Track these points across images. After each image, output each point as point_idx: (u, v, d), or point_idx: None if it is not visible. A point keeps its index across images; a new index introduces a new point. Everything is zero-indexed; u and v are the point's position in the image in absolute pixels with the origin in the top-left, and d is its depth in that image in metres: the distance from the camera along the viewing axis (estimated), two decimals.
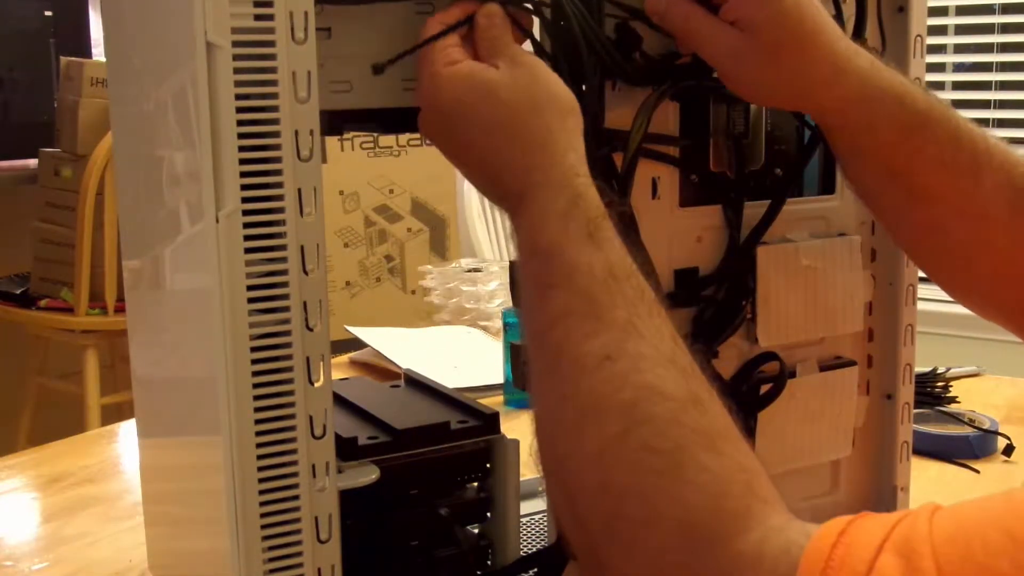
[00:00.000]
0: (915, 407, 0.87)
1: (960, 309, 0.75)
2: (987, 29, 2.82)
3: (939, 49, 2.85)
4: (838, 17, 0.77)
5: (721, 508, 0.48)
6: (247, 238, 0.57)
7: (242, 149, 0.56)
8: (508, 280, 0.76)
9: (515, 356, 0.76)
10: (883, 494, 0.87)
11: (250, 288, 0.57)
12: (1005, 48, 2.80)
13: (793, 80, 0.66)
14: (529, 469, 0.77)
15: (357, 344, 1.54)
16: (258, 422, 0.58)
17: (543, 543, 0.85)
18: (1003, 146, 0.68)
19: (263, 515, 0.59)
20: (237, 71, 0.55)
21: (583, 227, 0.56)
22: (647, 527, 0.49)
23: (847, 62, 0.65)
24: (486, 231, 2.91)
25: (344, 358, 1.53)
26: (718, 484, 0.49)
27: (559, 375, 0.54)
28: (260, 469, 0.58)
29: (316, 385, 0.59)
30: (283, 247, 0.57)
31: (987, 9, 2.81)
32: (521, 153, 0.59)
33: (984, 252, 0.69)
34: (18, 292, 2.58)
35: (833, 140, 0.70)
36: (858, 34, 0.77)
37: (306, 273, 0.58)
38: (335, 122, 0.65)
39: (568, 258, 0.56)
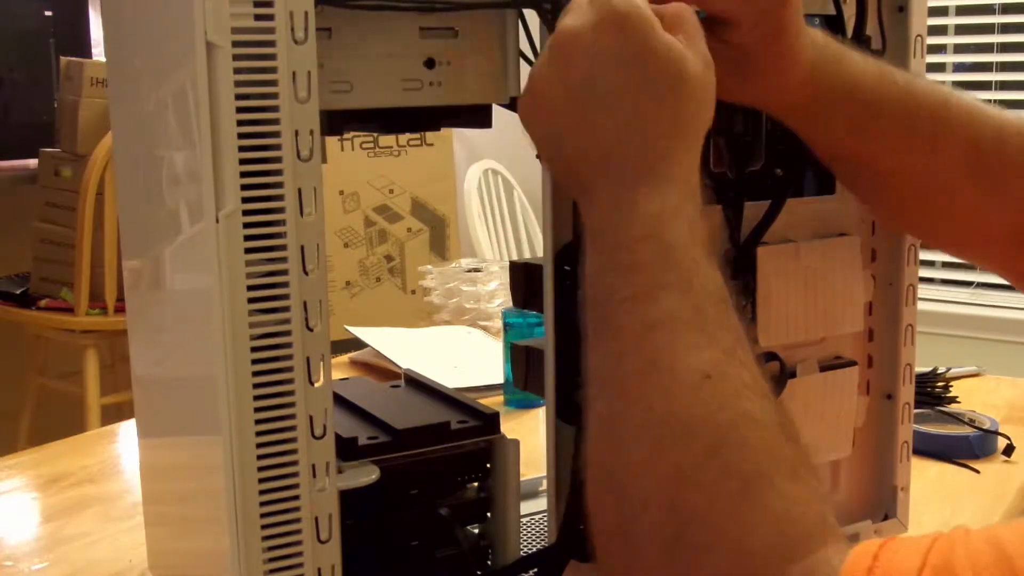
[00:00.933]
0: (915, 407, 0.87)
1: (960, 309, 0.76)
2: (987, 29, 2.82)
3: (939, 49, 2.85)
4: (838, 17, 0.77)
5: (784, 535, 0.47)
6: (247, 238, 0.56)
7: (242, 149, 0.56)
8: (508, 280, 0.76)
9: (515, 356, 0.76)
10: (883, 494, 0.86)
11: (250, 288, 0.57)
12: (1005, 48, 2.80)
13: (753, 81, 0.66)
14: (529, 469, 0.77)
15: (357, 344, 1.54)
16: (258, 422, 0.58)
17: (543, 543, 0.85)
18: (969, 109, 0.68)
19: (263, 515, 0.59)
20: (237, 71, 0.55)
21: (705, 242, 0.54)
22: (707, 553, 0.48)
23: (800, 68, 0.65)
24: (486, 231, 2.91)
25: (344, 358, 1.53)
26: (789, 511, 0.48)
27: (651, 382, 0.51)
28: (260, 469, 0.58)
29: (316, 385, 0.59)
30: (283, 247, 0.57)
31: (987, 9, 2.81)
32: (673, 133, 0.55)
33: (946, 221, 0.71)
34: (18, 292, 2.58)
35: (792, 127, 0.71)
36: (858, 34, 0.77)
37: (306, 273, 0.58)
38: (335, 122, 0.65)
39: (690, 264, 0.53)
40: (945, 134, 0.67)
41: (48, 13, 2.90)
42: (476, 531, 0.75)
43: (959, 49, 2.87)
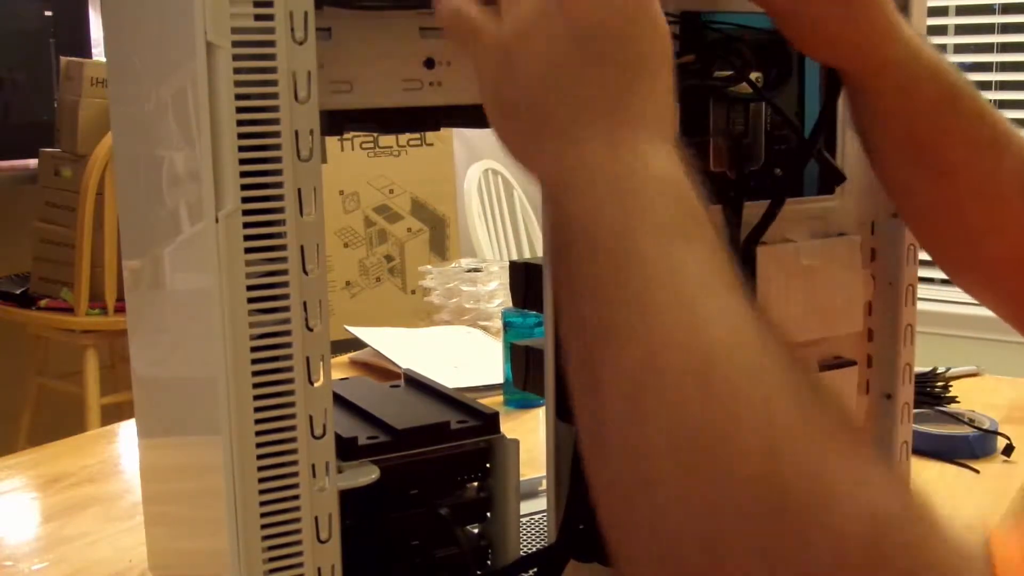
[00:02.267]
0: (915, 407, 0.87)
1: (960, 309, 0.75)
2: (987, 29, 2.82)
3: (939, 49, 2.85)
4: None
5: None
6: (247, 238, 0.56)
7: (242, 149, 0.56)
8: (508, 280, 0.76)
9: (515, 356, 0.76)
10: None
11: (250, 288, 0.57)
12: (1005, 48, 2.80)
13: (849, 31, 0.66)
14: (529, 469, 0.77)
15: (357, 344, 1.54)
16: (258, 422, 0.58)
17: (543, 543, 0.85)
18: (1019, 132, 0.69)
19: (263, 515, 0.59)
20: (237, 71, 0.55)
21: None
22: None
23: (899, 26, 0.67)
24: (486, 231, 2.91)
25: (344, 358, 1.53)
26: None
27: (706, 310, 0.45)
28: (260, 469, 0.58)
29: (316, 385, 0.59)
30: (283, 247, 0.57)
31: (987, 9, 2.81)
32: (668, 97, 0.53)
33: (994, 234, 0.70)
34: (18, 292, 2.58)
35: (866, 103, 0.70)
36: None
37: (306, 273, 0.58)
38: (335, 122, 0.65)
39: (706, 218, 0.48)
40: (1007, 143, 0.68)
41: (48, 13, 2.90)
42: (476, 531, 0.75)
43: (959, 49, 2.87)
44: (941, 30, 2.84)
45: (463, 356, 1.51)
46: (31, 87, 2.90)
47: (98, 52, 2.91)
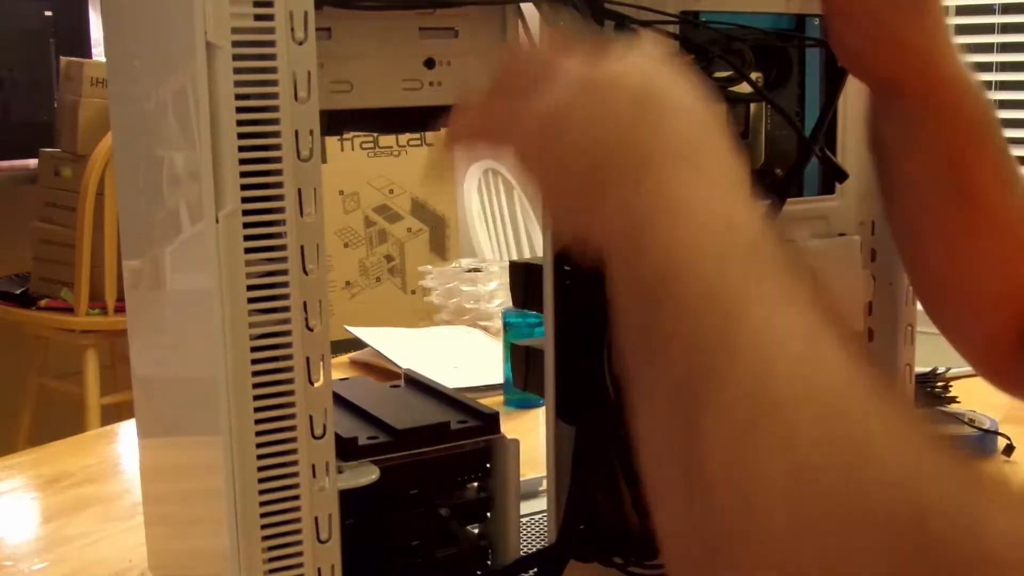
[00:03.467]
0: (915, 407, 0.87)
1: None
2: (987, 29, 2.82)
3: None
4: None
5: None
6: (247, 238, 0.56)
7: (242, 149, 0.56)
8: (508, 280, 0.76)
9: (515, 356, 0.76)
10: None
11: (250, 288, 0.57)
12: (1005, 48, 2.80)
13: (913, 36, 0.65)
14: (529, 469, 0.77)
15: (357, 344, 1.54)
16: (258, 422, 0.58)
17: (543, 543, 0.85)
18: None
19: (263, 515, 0.59)
20: (237, 71, 0.55)
21: None
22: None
23: (950, 44, 0.65)
24: (486, 231, 2.91)
25: (344, 358, 1.53)
26: None
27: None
28: (260, 469, 0.58)
29: (316, 385, 0.59)
30: (283, 247, 0.57)
31: (987, 9, 2.81)
32: None
33: (996, 267, 0.70)
34: (18, 292, 2.59)
35: (912, 117, 0.68)
36: None
37: (306, 273, 0.58)
38: (335, 122, 0.65)
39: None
40: (1017, 176, 0.69)
41: (48, 13, 2.90)
42: (476, 531, 0.75)
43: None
44: None
45: (463, 356, 1.51)
46: (31, 87, 2.90)
47: (98, 52, 2.91)
